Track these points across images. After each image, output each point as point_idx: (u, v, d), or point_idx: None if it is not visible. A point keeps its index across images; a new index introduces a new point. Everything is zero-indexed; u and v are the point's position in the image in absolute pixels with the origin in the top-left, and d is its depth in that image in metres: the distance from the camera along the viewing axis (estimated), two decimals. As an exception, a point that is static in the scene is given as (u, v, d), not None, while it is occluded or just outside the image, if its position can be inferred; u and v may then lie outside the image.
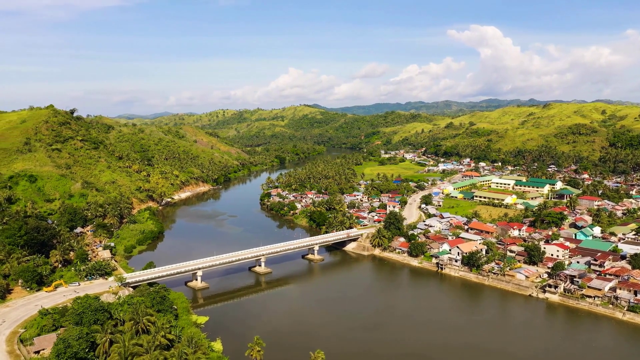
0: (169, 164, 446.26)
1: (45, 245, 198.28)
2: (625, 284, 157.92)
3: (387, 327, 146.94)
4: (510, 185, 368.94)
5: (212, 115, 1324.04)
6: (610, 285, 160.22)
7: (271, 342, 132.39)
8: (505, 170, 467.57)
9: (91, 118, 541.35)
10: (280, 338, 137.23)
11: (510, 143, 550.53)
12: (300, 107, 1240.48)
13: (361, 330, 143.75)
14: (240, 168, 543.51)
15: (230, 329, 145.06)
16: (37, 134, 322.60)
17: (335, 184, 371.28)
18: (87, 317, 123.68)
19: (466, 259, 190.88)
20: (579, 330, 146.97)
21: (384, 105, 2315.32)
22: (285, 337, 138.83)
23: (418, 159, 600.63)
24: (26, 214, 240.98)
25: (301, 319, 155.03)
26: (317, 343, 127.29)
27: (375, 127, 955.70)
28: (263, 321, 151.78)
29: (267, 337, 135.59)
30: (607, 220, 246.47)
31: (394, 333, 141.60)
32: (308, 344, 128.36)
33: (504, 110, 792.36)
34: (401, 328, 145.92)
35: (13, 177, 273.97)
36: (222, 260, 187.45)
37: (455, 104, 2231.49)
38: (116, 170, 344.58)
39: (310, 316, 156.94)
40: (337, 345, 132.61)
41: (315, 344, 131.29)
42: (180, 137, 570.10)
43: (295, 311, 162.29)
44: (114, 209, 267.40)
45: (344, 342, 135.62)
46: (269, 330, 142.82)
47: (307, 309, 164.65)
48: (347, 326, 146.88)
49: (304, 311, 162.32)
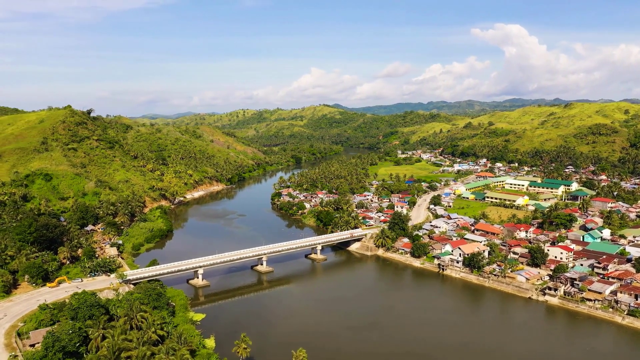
0: (184, 164, 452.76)
1: (54, 242, 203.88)
2: (626, 288, 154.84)
3: (382, 326, 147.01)
4: (524, 186, 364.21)
5: (233, 115, 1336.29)
6: (611, 289, 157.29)
7: (263, 339, 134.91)
8: (521, 171, 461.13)
9: (110, 118, 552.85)
10: (272, 336, 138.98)
11: (528, 143, 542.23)
12: (319, 107, 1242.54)
13: (356, 329, 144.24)
14: (255, 167, 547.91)
15: (225, 327, 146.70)
16: (54, 134, 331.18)
17: (347, 184, 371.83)
18: (82, 313, 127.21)
19: (467, 260, 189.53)
20: (575, 334, 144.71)
21: (405, 105, 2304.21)
22: (277, 335, 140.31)
23: (434, 159, 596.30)
24: (40, 211, 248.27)
25: (296, 317, 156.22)
26: (309, 341, 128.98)
27: (394, 127, 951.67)
28: (259, 319, 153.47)
29: (260, 335, 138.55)
30: (618, 223, 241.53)
31: (388, 332, 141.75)
32: (298, 342, 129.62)
33: (525, 110, 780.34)
34: (395, 328, 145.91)
35: (29, 176, 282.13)
36: (223, 259, 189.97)
37: (478, 104, 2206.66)
38: (130, 169, 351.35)
39: (306, 315, 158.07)
40: (329, 344, 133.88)
41: (305, 343, 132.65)
42: (197, 136, 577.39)
43: (292, 310, 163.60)
44: (125, 208, 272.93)
45: (336, 340, 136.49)
46: (264, 328, 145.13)
47: (304, 308, 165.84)
48: (342, 325, 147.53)
49: (301, 310, 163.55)
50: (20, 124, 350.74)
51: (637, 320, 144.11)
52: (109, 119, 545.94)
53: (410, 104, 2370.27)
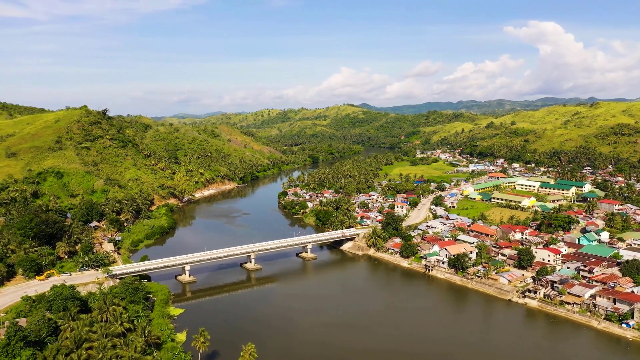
0: (199, 162, 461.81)
1: (54, 237, 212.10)
2: (605, 292, 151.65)
3: (353, 325, 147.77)
4: (535, 187, 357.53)
5: (258, 114, 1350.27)
6: (591, 292, 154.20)
7: (230, 334, 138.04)
8: (536, 171, 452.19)
9: (131, 117, 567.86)
10: (241, 331, 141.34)
11: (547, 143, 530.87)
12: (343, 107, 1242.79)
13: (327, 326, 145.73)
14: (270, 167, 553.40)
15: (201, 322, 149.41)
16: (68, 133, 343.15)
17: (355, 183, 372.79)
18: (57, 305, 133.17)
19: (452, 261, 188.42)
20: (546, 337, 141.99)
21: (434, 104, 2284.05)
22: (242, 331, 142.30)
23: (452, 159, 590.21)
24: (47, 207, 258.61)
25: (273, 314, 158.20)
26: (275, 336, 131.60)
27: (417, 126, 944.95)
28: (236, 315, 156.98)
29: (232, 330, 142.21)
30: (621, 225, 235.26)
31: (357, 331, 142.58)
32: (262, 337, 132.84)
33: (549, 110, 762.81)
34: (365, 327, 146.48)
35: (42, 174, 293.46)
36: (209, 256, 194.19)
37: (508, 103, 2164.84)
38: (142, 167, 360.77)
39: (281, 311, 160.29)
40: (296, 339, 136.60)
41: (269, 338, 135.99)
42: (215, 136, 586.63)
43: (270, 306, 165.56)
44: (130, 205, 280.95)
45: (304, 336, 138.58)
46: (238, 324, 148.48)
47: (282, 305, 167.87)
48: (314, 322, 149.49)
49: (279, 307, 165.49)
50: (38, 123, 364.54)
51: (613, 325, 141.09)
52: (130, 119, 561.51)
53: (440, 103, 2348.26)
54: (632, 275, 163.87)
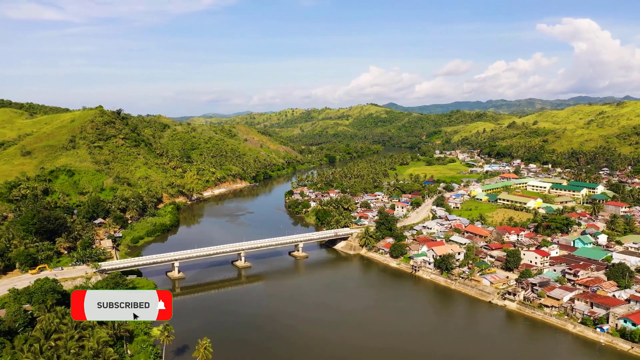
0: (214, 161, 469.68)
1: (55, 233, 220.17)
2: (583, 295, 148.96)
3: (324, 322, 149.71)
4: (546, 188, 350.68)
5: (282, 114, 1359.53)
6: (570, 296, 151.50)
7: (203, 329, 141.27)
8: (552, 172, 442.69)
9: (150, 117, 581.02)
10: (213, 326, 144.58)
11: (566, 144, 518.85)
12: (366, 106, 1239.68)
13: (297, 322, 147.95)
14: (285, 166, 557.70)
15: (180, 317, 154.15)
16: (82, 132, 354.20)
17: (363, 183, 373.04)
18: (36, 297, 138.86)
19: (438, 262, 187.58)
20: (515, 339, 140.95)
21: (463, 103, 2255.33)
22: (219, 326, 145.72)
23: (469, 159, 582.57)
24: (56, 204, 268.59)
25: (252, 310, 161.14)
26: (249, 332, 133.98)
27: (439, 126, 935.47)
28: (216, 311, 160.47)
29: (206, 325, 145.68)
30: (623, 228, 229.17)
31: (324, 328, 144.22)
32: (236, 332, 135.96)
33: (574, 109, 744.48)
34: (335, 324, 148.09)
35: (54, 172, 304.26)
36: (198, 253, 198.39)
37: (539, 102, 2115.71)
38: (153, 166, 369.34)
39: (262, 308, 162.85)
40: (270, 335, 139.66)
41: (243, 333, 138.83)
42: (232, 135, 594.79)
43: (251, 303, 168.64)
44: (135, 203, 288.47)
45: (271, 332, 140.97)
46: (214, 319, 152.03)
47: (263, 302, 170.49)
48: (289, 318, 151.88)
49: (258, 303, 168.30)
50: (54, 123, 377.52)
51: (588, 329, 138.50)
52: (149, 119, 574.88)
53: (469, 102, 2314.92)
54: (616, 279, 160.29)
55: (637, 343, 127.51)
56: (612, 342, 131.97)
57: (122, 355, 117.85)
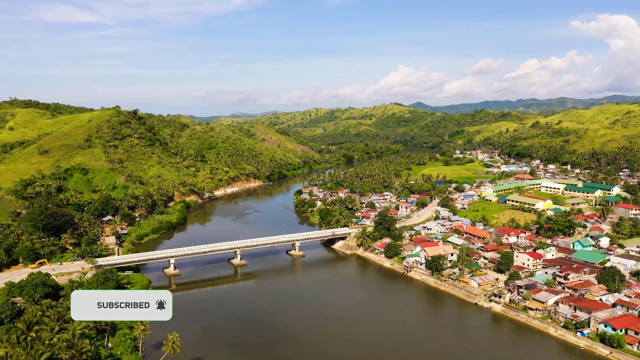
0: (230, 161, 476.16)
1: (61, 229, 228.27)
2: (567, 299, 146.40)
3: (306, 315, 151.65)
4: (560, 189, 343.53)
5: (306, 114, 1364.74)
6: (555, 299, 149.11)
7: (185, 324, 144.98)
8: (570, 173, 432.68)
9: (170, 117, 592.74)
10: (196, 321, 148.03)
11: (588, 144, 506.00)
12: (390, 106, 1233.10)
13: (285, 316, 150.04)
14: (301, 166, 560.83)
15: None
16: (98, 132, 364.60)
17: (373, 183, 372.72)
18: (26, 290, 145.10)
19: (429, 262, 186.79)
20: (493, 342, 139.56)
21: (492, 102, 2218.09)
22: (203, 321, 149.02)
23: (488, 160, 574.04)
24: (68, 201, 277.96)
25: (236, 306, 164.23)
26: (230, 326, 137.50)
27: (462, 126, 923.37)
28: (203, 306, 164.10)
29: (189, 319, 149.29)
30: (629, 231, 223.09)
31: (309, 321, 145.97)
32: (216, 326, 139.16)
33: (600, 109, 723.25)
34: (318, 319, 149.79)
35: (69, 170, 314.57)
36: (194, 251, 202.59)
37: (571, 101, 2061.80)
38: (166, 165, 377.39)
39: (246, 304, 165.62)
40: (248, 329, 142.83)
41: (226, 328, 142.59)
42: (250, 135, 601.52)
43: (237, 300, 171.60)
44: (145, 201, 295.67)
45: (259, 325, 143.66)
46: (199, 314, 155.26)
47: (253, 299, 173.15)
48: (272, 315, 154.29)
49: (247, 300, 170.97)
50: (73, 123, 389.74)
51: (569, 333, 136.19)
52: (169, 118, 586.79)
53: (498, 102, 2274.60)
54: (607, 282, 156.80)
55: (616, 348, 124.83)
56: (591, 347, 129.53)
57: (98, 348, 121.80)
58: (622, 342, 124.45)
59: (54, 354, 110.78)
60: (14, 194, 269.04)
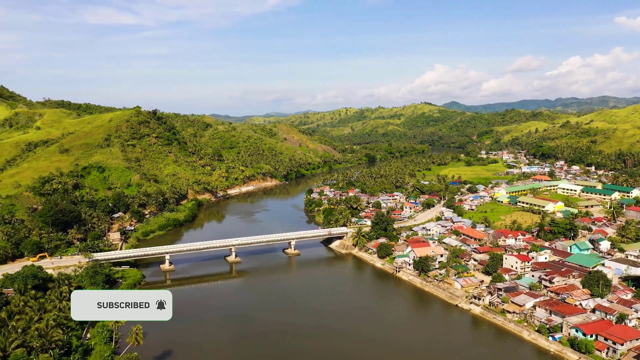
0: (250, 160, 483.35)
1: (69, 225, 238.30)
2: (544, 303, 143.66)
3: (285, 311, 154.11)
4: (576, 191, 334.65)
5: (335, 113, 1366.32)
6: (534, 302, 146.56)
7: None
8: (593, 174, 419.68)
9: (195, 117, 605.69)
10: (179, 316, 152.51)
11: (615, 144, 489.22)
12: (420, 105, 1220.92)
13: (265, 310, 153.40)
14: (320, 165, 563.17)
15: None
16: (117, 131, 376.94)
17: (386, 183, 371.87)
18: (17, 283, 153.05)
19: (417, 263, 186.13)
20: (463, 344, 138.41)
21: (530, 102, 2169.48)
22: (185, 316, 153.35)
23: (512, 160, 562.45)
24: (83, 198, 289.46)
25: (223, 301, 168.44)
26: (211, 318, 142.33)
27: (491, 125, 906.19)
28: (191, 301, 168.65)
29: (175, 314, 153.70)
30: (634, 235, 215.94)
31: (286, 315, 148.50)
32: (198, 318, 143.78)
33: (635, 108, 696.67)
34: (295, 313, 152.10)
35: (86, 168, 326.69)
36: (189, 247, 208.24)
37: (613, 100, 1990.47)
38: (182, 164, 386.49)
39: (235, 299, 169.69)
40: (229, 321, 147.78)
41: (210, 320, 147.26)
42: (272, 135, 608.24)
43: (226, 295, 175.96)
44: (156, 199, 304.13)
45: (241, 318, 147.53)
46: (186, 310, 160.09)
47: (238, 293, 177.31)
48: (256, 309, 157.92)
49: (233, 295, 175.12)
50: (96, 122, 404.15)
51: (541, 337, 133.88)
52: (193, 118, 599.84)
53: (536, 100, 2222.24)
54: (591, 287, 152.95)
55: (584, 354, 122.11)
56: (561, 352, 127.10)
57: (71, 337, 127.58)
58: (590, 348, 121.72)
59: (26, 341, 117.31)
60: (32, 190, 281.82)
